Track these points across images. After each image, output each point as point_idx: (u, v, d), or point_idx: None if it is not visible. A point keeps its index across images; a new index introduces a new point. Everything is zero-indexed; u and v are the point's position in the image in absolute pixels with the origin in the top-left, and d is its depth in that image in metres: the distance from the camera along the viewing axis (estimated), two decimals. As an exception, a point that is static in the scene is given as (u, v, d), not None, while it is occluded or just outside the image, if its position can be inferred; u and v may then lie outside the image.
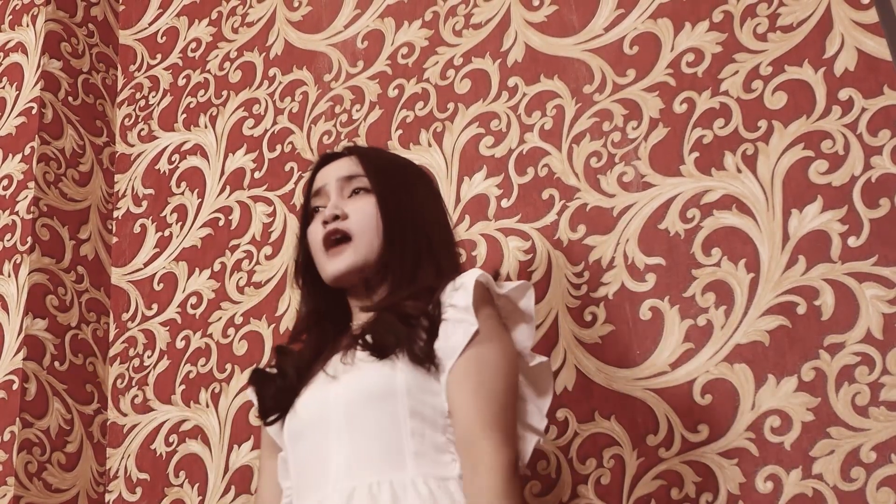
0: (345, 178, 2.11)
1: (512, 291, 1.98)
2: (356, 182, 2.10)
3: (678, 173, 2.36)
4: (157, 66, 3.21)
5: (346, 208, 2.07)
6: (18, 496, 2.59)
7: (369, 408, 1.89)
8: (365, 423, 1.88)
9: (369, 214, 2.06)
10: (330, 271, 2.06)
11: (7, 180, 2.97)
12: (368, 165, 2.12)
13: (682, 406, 2.21)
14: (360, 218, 2.06)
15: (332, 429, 1.91)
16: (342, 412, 1.91)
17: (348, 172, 2.12)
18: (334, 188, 2.11)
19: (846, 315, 2.12)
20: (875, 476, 2.02)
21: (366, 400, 1.90)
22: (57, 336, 2.82)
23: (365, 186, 2.10)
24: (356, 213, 2.06)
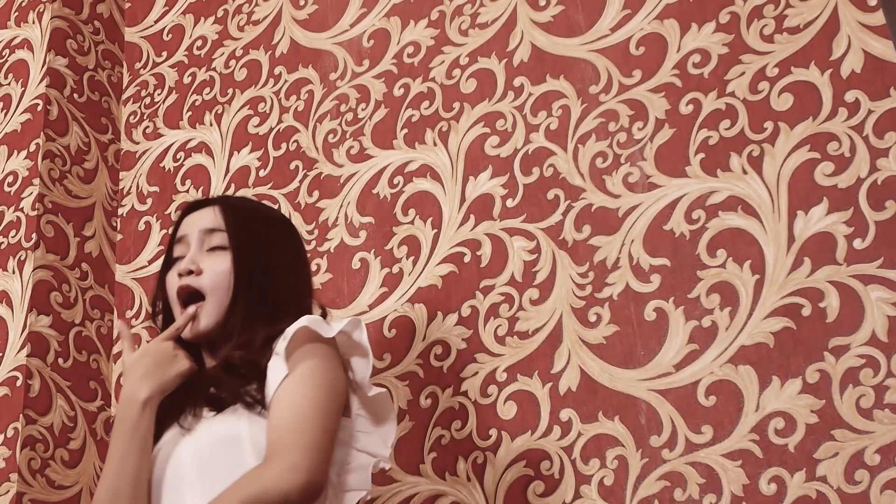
0: (206, 231, 2.16)
1: (346, 327, 2.01)
2: (216, 238, 2.15)
3: (684, 174, 2.36)
4: (163, 63, 3.21)
5: (202, 264, 2.13)
6: (21, 493, 2.59)
7: (217, 453, 1.94)
8: (215, 469, 1.92)
9: (222, 273, 2.11)
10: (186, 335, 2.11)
11: (12, 177, 2.97)
12: (229, 219, 2.16)
13: (686, 407, 2.21)
14: (213, 276, 2.11)
15: (186, 480, 1.96)
16: (193, 462, 1.96)
17: (210, 225, 2.16)
18: (195, 239, 2.16)
19: (851, 317, 2.12)
20: (879, 479, 2.02)
21: (214, 446, 1.95)
22: (61, 333, 2.82)
23: (223, 244, 2.14)
24: (210, 271, 2.12)
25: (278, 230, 2.24)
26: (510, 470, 2.33)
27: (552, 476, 2.29)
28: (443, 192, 2.60)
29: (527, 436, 2.34)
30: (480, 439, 2.35)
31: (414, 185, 2.65)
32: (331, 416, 1.93)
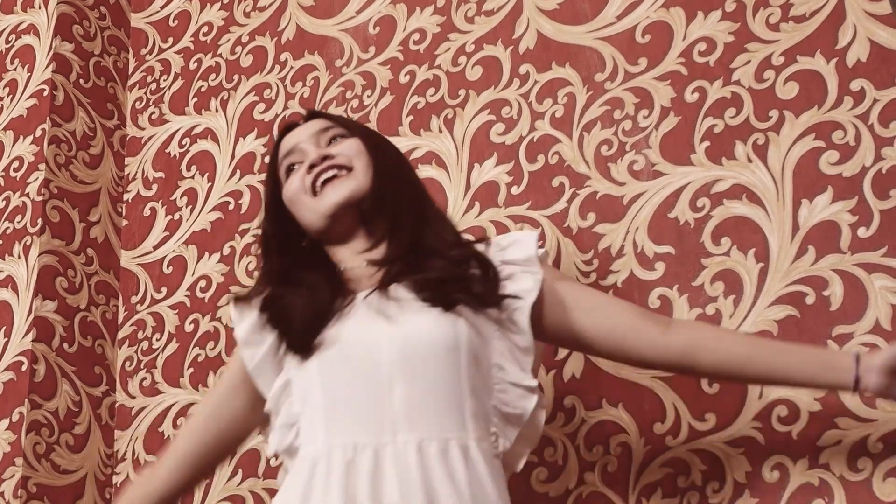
0: (319, 131, 2.07)
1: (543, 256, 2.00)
2: (332, 132, 2.07)
3: (689, 162, 2.36)
4: (169, 49, 3.21)
5: (331, 151, 2.03)
6: (26, 477, 2.60)
7: (433, 358, 1.82)
8: (427, 373, 1.81)
9: (359, 151, 2.02)
10: (326, 204, 1.98)
11: (18, 162, 2.97)
12: (338, 120, 2.11)
13: (690, 394, 2.21)
14: (352, 154, 2.01)
15: (385, 372, 1.81)
16: (400, 357, 1.82)
17: (321, 126, 2.08)
18: (310, 144, 2.05)
19: (855, 306, 2.12)
20: (882, 467, 2.02)
21: (430, 349, 1.82)
22: (66, 318, 2.82)
23: (343, 133, 2.07)
24: (346, 150, 2.02)
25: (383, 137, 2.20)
26: (514, 456, 2.33)
27: (556, 462, 2.29)
28: (448, 179, 2.60)
29: (530, 422, 2.34)
30: (484, 426, 2.36)
31: (419, 171, 2.65)
32: None
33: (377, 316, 1.87)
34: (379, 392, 1.81)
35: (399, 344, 1.83)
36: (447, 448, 1.76)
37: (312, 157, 2.02)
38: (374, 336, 1.85)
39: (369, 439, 1.78)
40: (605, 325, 1.95)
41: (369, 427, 1.79)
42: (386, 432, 1.78)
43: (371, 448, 1.77)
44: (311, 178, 2.01)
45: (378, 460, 1.76)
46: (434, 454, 1.76)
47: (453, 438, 1.77)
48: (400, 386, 1.80)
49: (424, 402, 1.80)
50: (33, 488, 2.61)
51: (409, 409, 1.79)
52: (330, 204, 1.99)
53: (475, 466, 1.77)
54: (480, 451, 1.79)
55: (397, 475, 1.74)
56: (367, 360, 1.83)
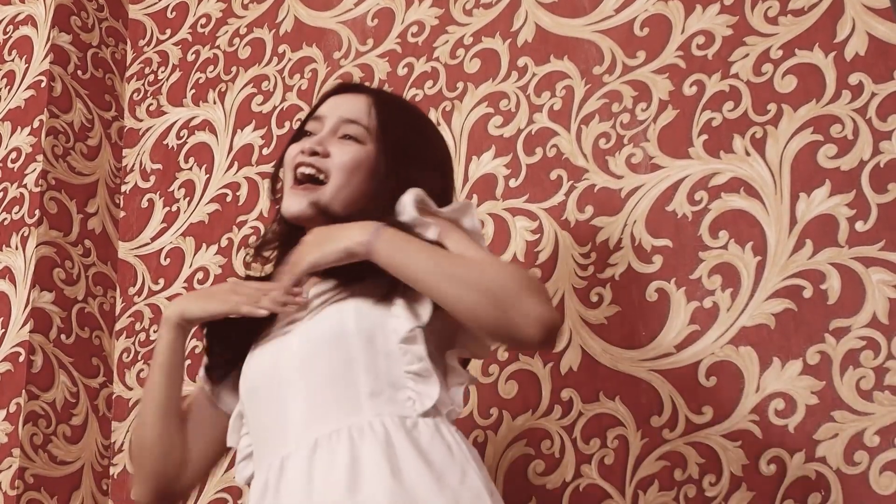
0: (346, 120, 1.99)
1: (453, 212, 1.91)
2: (353, 129, 1.98)
3: (687, 155, 2.37)
4: (167, 41, 3.21)
5: (330, 147, 1.97)
6: (24, 468, 2.60)
7: (321, 352, 1.80)
8: (318, 368, 1.80)
9: (353, 163, 1.95)
10: (288, 208, 1.97)
11: (16, 153, 2.97)
12: (381, 116, 2.00)
13: (687, 388, 2.22)
14: (342, 163, 1.95)
15: (286, 380, 1.82)
16: (296, 362, 1.82)
17: (352, 116, 2.00)
18: (331, 123, 2.00)
19: (852, 299, 2.12)
20: (878, 460, 2.03)
21: (317, 346, 1.81)
22: (64, 309, 2.82)
23: (360, 137, 1.98)
24: (339, 157, 1.96)
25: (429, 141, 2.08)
26: (511, 449, 2.34)
27: (553, 455, 2.30)
28: (446, 171, 2.60)
29: (528, 415, 2.34)
30: (481, 418, 2.36)
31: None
32: None
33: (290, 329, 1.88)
34: (284, 404, 1.81)
35: (297, 350, 1.83)
36: (337, 438, 1.73)
37: (310, 143, 1.98)
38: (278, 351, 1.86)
39: (276, 456, 1.79)
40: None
41: (279, 444, 1.79)
42: (290, 444, 1.77)
43: (277, 466, 1.77)
44: (297, 160, 1.97)
45: (280, 474, 1.76)
46: (323, 450, 1.73)
47: (344, 427, 1.74)
48: (301, 392, 1.79)
49: (321, 399, 1.78)
50: (30, 479, 2.61)
51: (308, 411, 1.78)
52: (287, 212, 1.98)
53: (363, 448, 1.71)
54: (375, 431, 1.73)
55: (289, 482, 1.74)
56: (274, 376, 1.84)
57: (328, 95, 2.07)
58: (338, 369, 1.78)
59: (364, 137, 1.98)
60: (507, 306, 1.74)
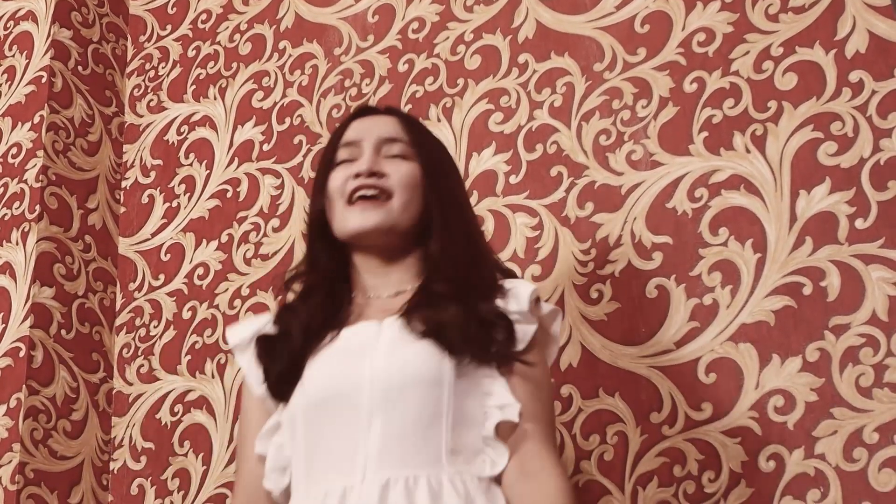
0: (386, 140, 1.97)
1: (549, 315, 1.92)
2: (397, 147, 1.96)
3: (687, 152, 2.37)
4: (167, 36, 3.21)
5: (385, 168, 1.94)
6: (24, 462, 2.60)
7: (412, 393, 1.76)
8: (405, 408, 1.75)
9: (412, 179, 1.93)
10: (352, 224, 1.91)
11: (16, 148, 2.97)
12: (413, 133, 2.00)
13: (687, 384, 2.22)
14: (401, 179, 1.93)
15: (364, 409, 1.76)
16: (380, 392, 1.77)
17: (391, 134, 1.98)
18: (371, 145, 1.96)
19: (852, 296, 2.13)
20: (877, 457, 2.03)
21: (410, 383, 1.77)
22: (64, 304, 2.82)
23: (405, 154, 1.97)
24: (397, 174, 1.93)
25: (451, 159, 2.09)
26: (510, 445, 2.34)
27: (552, 451, 2.30)
28: (446, 167, 2.60)
29: (527, 411, 2.34)
30: (481, 414, 2.36)
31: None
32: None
33: (370, 350, 1.82)
34: (357, 432, 1.76)
35: (382, 378, 1.78)
36: (415, 485, 1.71)
37: (364, 165, 1.94)
38: (359, 372, 1.80)
39: (339, 484, 1.74)
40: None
41: (342, 471, 1.75)
42: (357, 474, 1.73)
43: (338, 493, 1.73)
44: (353, 185, 1.93)
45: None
46: (399, 492, 1.70)
47: (423, 476, 1.72)
48: (378, 423, 1.75)
49: (400, 438, 1.74)
50: (31, 474, 2.61)
51: (384, 446, 1.74)
52: (353, 226, 1.92)
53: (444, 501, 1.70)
54: (456, 487, 1.72)
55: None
56: (347, 399, 1.78)
57: (350, 121, 2.03)
58: (424, 415, 1.76)
59: (410, 154, 1.97)
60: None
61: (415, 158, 1.97)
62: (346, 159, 1.97)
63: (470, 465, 1.76)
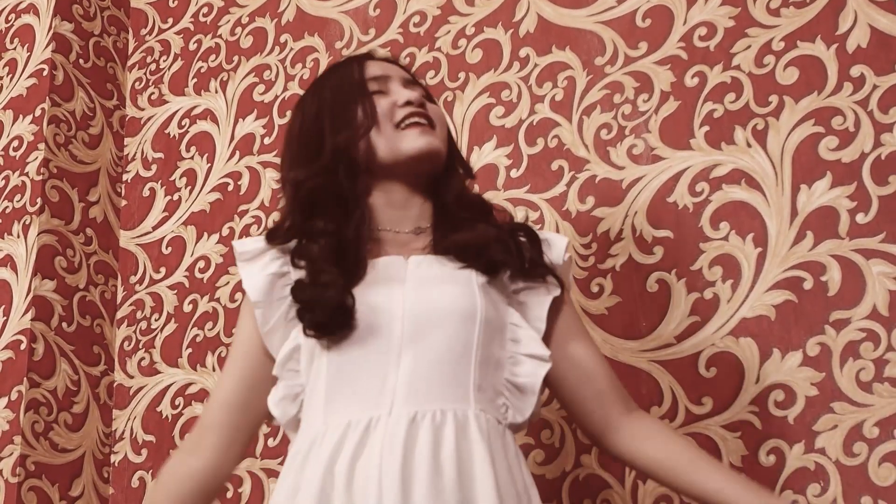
0: (411, 81, 2.00)
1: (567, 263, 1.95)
2: (420, 90, 1.99)
3: (688, 147, 2.37)
4: (169, 30, 3.21)
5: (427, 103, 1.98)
6: (25, 455, 2.60)
7: (445, 326, 1.77)
8: (436, 342, 1.75)
9: (442, 118, 1.98)
10: (414, 145, 1.89)
11: (17, 141, 2.97)
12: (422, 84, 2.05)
13: (687, 378, 2.22)
14: (439, 119, 1.96)
15: (395, 342, 1.76)
16: (412, 325, 1.76)
17: (410, 77, 2.01)
18: (400, 82, 1.97)
19: (853, 291, 2.13)
20: (877, 451, 2.03)
21: (444, 316, 1.78)
22: (65, 297, 2.83)
23: (429, 96, 2.01)
24: (435, 114, 1.96)
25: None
26: (511, 438, 2.34)
27: (552, 445, 2.30)
28: (447, 161, 2.60)
29: (528, 405, 2.35)
30: (482, 408, 2.36)
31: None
32: None
33: (399, 284, 1.81)
34: (387, 365, 1.74)
35: (415, 312, 1.77)
36: (442, 420, 1.70)
37: (409, 94, 1.93)
38: (391, 305, 1.78)
39: (363, 415, 1.72)
40: (581, 375, 1.90)
41: (367, 402, 1.73)
42: (383, 406, 1.72)
43: (363, 424, 1.71)
44: (404, 111, 1.92)
45: (365, 436, 1.70)
46: (426, 426, 1.69)
47: (450, 410, 1.71)
48: (408, 356, 1.74)
49: (429, 371, 1.74)
50: (32, 466, 2.61)
51: (413, 380, 1.73)
52: (413, 146, 1.90)
53: (470, 438, 1.70)
54: (480, 424, 1.71)
55: (380, 449, 1.68)
56: (379, 330, 1.77)
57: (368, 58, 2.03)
58: (455, 350, 1.76)
59: (430, 98, 2.02)
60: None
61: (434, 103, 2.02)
62: (377, 91, 1.95)
63: (492, 406, 1.77)
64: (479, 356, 1.77)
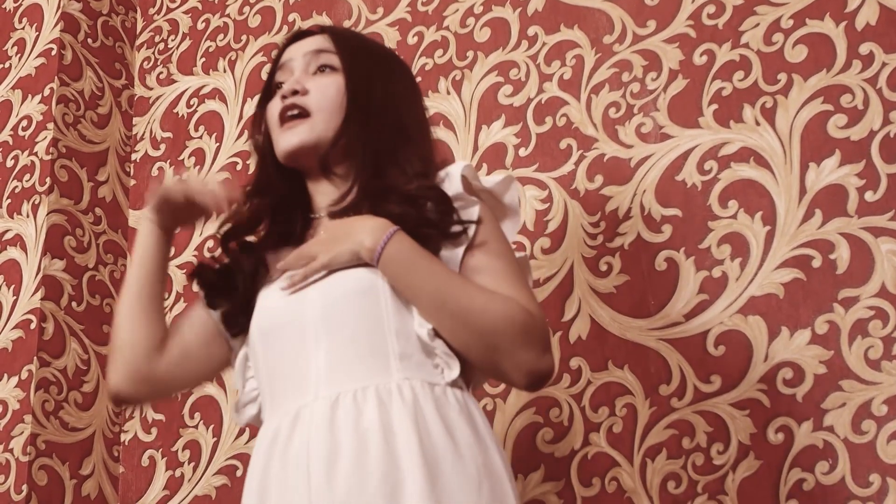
0: (313, 52, 1.97)
1: (496, 186, 1.91)
2: (324, 58, 1.97)
3: (696, 125, 2.37)
4: (177, 9, 3.21)
5: (307, 84, 1.93)
6: (35, 434, 2.62)
7: (348, 305, 1.77)
8: (344, 322, 1.76)
9: (332, 92, 1.93)
10: (282, 146, 1.92)
11: (26, 121, 2.98)
12: (341, 44, 1.99)
13: (696, 357, 2.22)
14: (322, 96, 1.92)
15: (310, 330, 1.78)
16: (319, 311, 1.78)
17: (317, 47, 1.98)
18: (300, 64, 1.97)
19: (861, 269, 2.13)
20: (886, 429, 2.03)
21: (344, 296, 1.78)
22: (74, 277, 2.83)
23: (332, 64, 1.96)
24: (318, 91, 1.93)
25: (396, 64, 2.06)
26: (519, 417, 2.35)
27: (561, 423, 2.31)
28: (456, 140, 2.61)
29: (536, 383, 2.35)
30: (490, 386, 2.37)
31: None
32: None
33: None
34: (307, 354, 1.77)
35: (321, 300, 1.79)
36: (364, 397, 1.70)
37: (287, 85, 1.94)
38: (302, 296, 1.81)
39: (293, 405, 1.75)
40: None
41: (297, 393, 1.76)
42: (309, 394, 1.74)
43: (292, 413, 1.74)
44: (278, 108, 1.93)
45: (294, 423, 1.73)
46: (347, 406, 1.70)
47: (371, 385, 1.71)
48: (323, 343, 1.76)
49: (345, 353, 1.75)
50: (42, 445, 2.63)
51: (331, 364, 1.74)
52: (283, 146, 1.92)
53: (391, 409, 1.69)
54: (403, 395, 1.71)
55: (307, 434, 1.70)
56: (294, 323, 1.80)
57: (286, 45, 2.04)
58: (364, 325, 1.76)
59: (337, 65, 1.97)
60: (500, 353, 1.75)
61: (339, 68, 1.97)
62: (280, 82, 1.99)
63: (422, 369, 1.75)
64: (395, 324, 1.76)
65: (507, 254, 1.85)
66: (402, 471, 1.65)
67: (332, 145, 1.91)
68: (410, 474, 1.64)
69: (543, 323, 1.78)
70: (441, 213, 1.82)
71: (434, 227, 1.81)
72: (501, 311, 1.75)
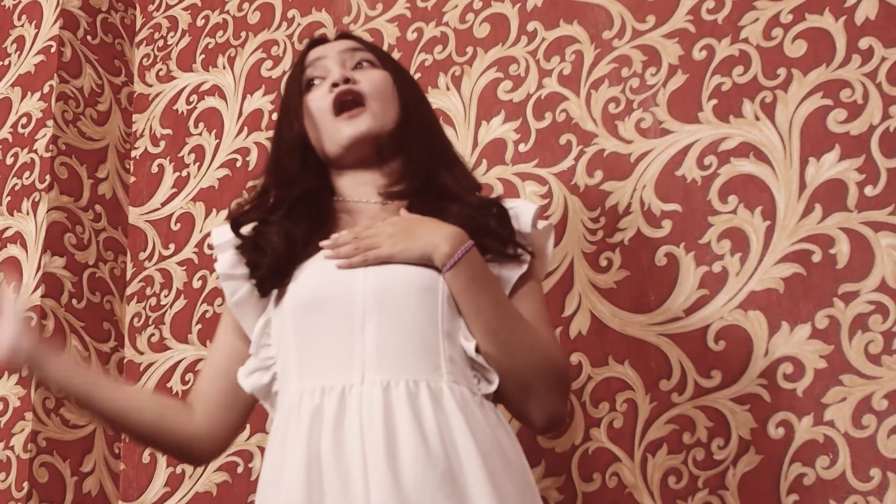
0: (349, 50, 2.00)
1: (542, 231, 1.94)
2: (360, 55, 2.00)
3: (696, 120, 2.37)
4: (176, 6, 3.20)
5: (355, 76, 1.96)
6: (36, 431, 2.62)
7: (409, 297, 1.77)
8: (401, 314, 1.76)
9: (383, 84, 1.97)
10: (345, 133, 1.93)
11: (26, 118, 2.98)
12: (371, 46, 2.05)
13: (696, 352, 2.22)
14: (373, 86, 1.96)
15: (358, 310, 1.76)
16: (372, 293, 1.77)
17: (349, 46, 2.02)
18: (335, 61, 1.99)
19: (861, 264, 2.13)
20: (886, 424, 2.04)
21: (406, 287, 1.78)
22: (75, 274, 2.83)
23: (371, 60, 2.00)
24: (368, 82, 1.96)
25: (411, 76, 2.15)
26: (520, 412, 2.35)
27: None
28: (455, 136, 2.60)
29: (537, 379, 2.35)
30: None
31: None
32: None
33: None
34: (352, 332, 1.76)
35: (374, 282, 1.78)
36: (416, 389, 1.71)
37: (336, 75, 1.96)
38: (351, 277, 1.80)
39: (337, 382, 1.73)
40: None
41: (339, 369, 1.74)
42: (355, 373, 1.73)
43: (337, 391, 1.72)
44: (332, 97, 1.94)
45: (342, 403, 1.71)
46: (401, 394, 1.70)
47: (423, 380, 1.72)
48: (372, 325, 1.75)
49: (397, 342, 1.75)
50: (43, 443, 2.62)
51: (381, 349, 1.74)
52: (346, 135, 1.93)
53: (445, 408, 1.70)
54: (454, 396, 1.72)
55: (360, 417, 1.69)
56: (341, 299, 1.78)
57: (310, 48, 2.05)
58: (421, 321, 1.76)
59: (374, 62, 2.01)
60: (531, 390, 1.80)
61: (380, 66, 2.01)
62: (315, 77, 2.00)
63: (465, 378, 1.76)
64: (447, 330, 1.77)
65: (545, 300, 1.92)
66: (465, 472, 1.66)
67: (390, 136, 1.95)
68: (472, 475, 1.66)
69: (570, 373, 1.83)
70: (505, 227, 1.87)
71: (497, 240, 1.86)
72: (547, 353, 1.81)
